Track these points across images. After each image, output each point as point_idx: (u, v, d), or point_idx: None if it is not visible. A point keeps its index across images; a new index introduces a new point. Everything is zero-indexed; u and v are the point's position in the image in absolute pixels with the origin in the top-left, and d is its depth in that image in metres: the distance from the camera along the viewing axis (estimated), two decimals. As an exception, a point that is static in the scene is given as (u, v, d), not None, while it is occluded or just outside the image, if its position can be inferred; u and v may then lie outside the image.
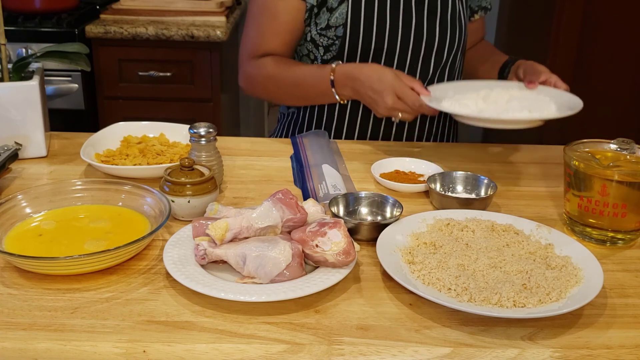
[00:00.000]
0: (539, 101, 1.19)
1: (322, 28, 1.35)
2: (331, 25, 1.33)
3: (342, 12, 1.32)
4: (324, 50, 1.37)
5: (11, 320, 0.74)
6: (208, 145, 1.04)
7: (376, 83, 1.22)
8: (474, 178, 1.10)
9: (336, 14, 1.32)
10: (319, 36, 1.36)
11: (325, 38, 1.35)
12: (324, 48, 1.37)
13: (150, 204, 0.95)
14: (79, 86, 2.26)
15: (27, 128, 1.17)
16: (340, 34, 1.33)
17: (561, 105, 1.18)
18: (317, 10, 1.34)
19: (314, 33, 1.37)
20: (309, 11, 1.34)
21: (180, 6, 2.38)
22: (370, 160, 1.22)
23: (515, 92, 1.24)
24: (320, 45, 1.37)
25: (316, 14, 1.34)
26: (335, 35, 1.34)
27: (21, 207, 0.94)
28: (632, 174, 0.95)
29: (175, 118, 1.86)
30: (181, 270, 0.81)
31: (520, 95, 1.22)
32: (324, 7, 1.32)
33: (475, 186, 1.09)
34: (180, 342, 0.72)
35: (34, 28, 2.21)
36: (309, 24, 1.37)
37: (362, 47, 1.33)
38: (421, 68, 1.39)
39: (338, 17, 1.32)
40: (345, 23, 1.32)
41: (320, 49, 1.38)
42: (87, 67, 1.23)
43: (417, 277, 0.83)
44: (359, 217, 1.00)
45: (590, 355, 0.72)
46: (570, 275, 0.83)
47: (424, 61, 1.38)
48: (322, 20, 1.34)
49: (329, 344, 0.72)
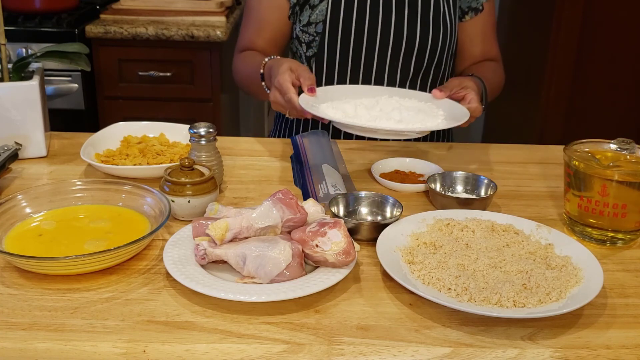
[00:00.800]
0: (428, 113, 1.13)
1: (304, 25, 1.37)
2: (312, 22, 1.36)
3: (323, 9, 1.34)
4: (306, 46, 1.40)
5: (11, 320, 0.74)
6: (208, 145, 1.04)
7: (274, 76, 1.16)
8: (474, 178, 1.10)
9: (317, 10, 1.35)
10: (302, 33, 1.39)
11: (306, 34, 1.38)
12: (306, 44, 1.39)
13: (150, 204, 0.95)
14: (79, 86, 2.26)
15: (27, 128, 1.17)
16: (320, 30, 1.35)
17: (448, 117, 1.12)
18: (299, 8, 1.36)
19: (298, 30, 1.40)
20: (292, 8, 1.38)
21: (180, 6, 2.38)
22: (370, 160, 1.22)
23: (408, 102, 1.17)
24: (302, 42, 1.40)
25: (299, 11, 1.36)
26: (315, 31, 1.36)
27: (21, 207, 0.94)
28: (632, 174, 0.95)
29: (175, 118, 1.86)
30: (181, 270, 0.81)
31: (411, 105, 1.15)
32: (307, 5, 1.35)
33: (475, 186, 1.09)
34: (180, 342, 0.72)
35: (34, 28, 2.21)
36: (295, 22, 1.40)
37: (341, 44, 1.35)
38: (402, 67, 1.39)
39: (318, 14, 1.35)
40: (324, 19, 1.34)
41: (303, 46, 1.40)
42: (87, 67, 1.23)
43: (417, 277, 0.83)
44: (359, 217, 1.00)
45: (590, 355, 0.72)
46: (570, 275, 0.83)
47: (404, 61, 1.38)
48: (304, 16, 1.37)
49: (329, 344, 0.72)
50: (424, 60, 1.39)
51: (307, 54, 1.41)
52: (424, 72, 1.41)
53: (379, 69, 1.38)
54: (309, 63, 1.42)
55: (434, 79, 1.44)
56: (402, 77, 1.40)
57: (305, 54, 1.41)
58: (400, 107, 1.13)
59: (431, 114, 1.13)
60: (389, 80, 1.40)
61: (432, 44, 1.38)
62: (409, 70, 1.40)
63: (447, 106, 1.18)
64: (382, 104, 1.14)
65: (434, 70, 1.42)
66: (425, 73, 1.42)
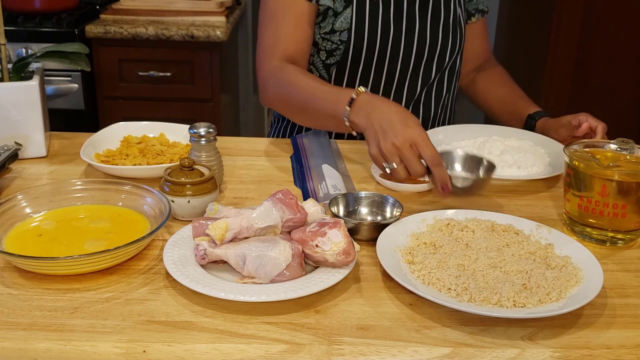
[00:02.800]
0: (528, 157, 1.21)
1: (327, 32, 1.34)
2: (336, 30, 1.33)
3: (347, 17, 1.31)
4: (327, 54, 1.37)
5: (11, 320, 0.74)
6: (208, 145, 1.04)
7: (399, 119, 1.01)
8: (472, 159, 1.05)
9: (341, 18, 1.32)
10: (322, 40, 1.35)
11: (329, 42, 1.35)
12: (326, 52, 1.36)
13: (150, 204, 0.95)
14: (79, 86, 2.26)
15: (27, 128, 1.17)
16: (345, 39, 1.33)
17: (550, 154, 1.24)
18: (323, 15, 1.33)
19: (317, 37, 1.36)
20: (322, 15, 1.33)
21: (180, 6, 2.38)
22: (370, 160, 1.22)
23: (513, 142, 1.28)
24: (322, 49, 1.37)
25: (322, 19, 1.34)
26: (339, 39, 1.33)
27: (21, 207, 0.94)
28: (632, 174, 0.95)
29: (175, 118, 1.86)
30: (181, 270, 0.81)
31: (517, 145, 1.26)
32: (330, 11, 1.32)
33: (474, 167, 1.04)
34: (180, 342, 0.72)
35: (34, 28, 2.21)
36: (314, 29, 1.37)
37: (366, 52, 1.33)
38: (423, 72, 1.39)
39: (343, 22, 1.32)
40: (349, 27, 1.32)
41: (322, 54, 1.37)
42: (87, 67, 1.23)
43: (417, 277, 0.83)
44: (359, 217, 1.00)
45: (590, 355, 0.72)
46: (570, 275, 0.83)
47: (426, 65, 1.38)
48: (326, 24, 1.34)
49: (329, 344, 0.72)
50: (443, 64, 1.40)
51: (327, 62, 1.37)
52: (441, 76, 1.42)
53: (401, 75, 1.38)
54: (328, 71, 1.39)
55: (449, 82, 1.45)
56: (422, 82, 1.40)
57: (324, 62, 1.38)
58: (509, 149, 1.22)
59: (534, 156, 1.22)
60: (409, 87, 1.39)
61: (451, 47, 1.39)
62: (430, 76, 1.40)
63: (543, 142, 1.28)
64: (490, 146, 1.24)
65: (449, 72, 1.43)
66: (441, 76, 1.42)
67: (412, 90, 1.40)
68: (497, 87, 1.52)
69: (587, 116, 1.25)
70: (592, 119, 1.24)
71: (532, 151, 1.24)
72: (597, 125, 1.23)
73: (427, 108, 1.44)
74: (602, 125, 1.23)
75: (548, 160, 1.22)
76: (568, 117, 1.29)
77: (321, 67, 1.40)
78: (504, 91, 1.51)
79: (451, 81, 1.46)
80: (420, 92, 1.41)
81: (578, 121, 1.25)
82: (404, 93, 1.40)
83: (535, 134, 1.32)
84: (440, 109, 1.47)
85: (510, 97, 1.49)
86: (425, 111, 1.44)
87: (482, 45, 1.56)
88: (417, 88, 1.40)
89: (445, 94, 1.45)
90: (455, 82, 1.48)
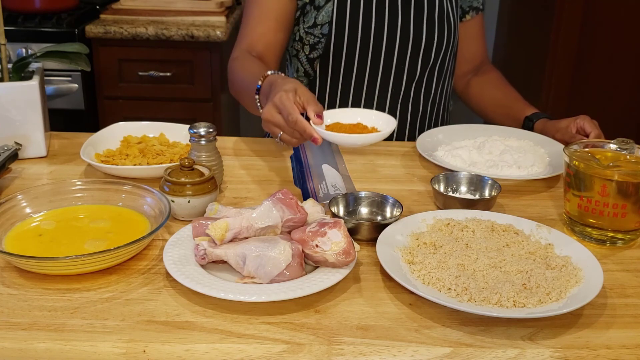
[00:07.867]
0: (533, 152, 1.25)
1: (309, 26, 1.36)
2: (317, 23, 1.35)
3: (329, 10, 1.33)
4: (310, 48, 1.38)
5: (11, 320, 0.74)
6: (208, 145, 1.04)
7: (274, 92, 1.02)
8: (477, 179, 1.09)
9: (323, 12, 1.33)
10: (306, 34, 1.37)
11: (311, 36, 1.36)
12: (309, 46, 1.38)
13: (150, 204, 0.95)
14: (79, 86, 2.26)
15: (27, 128, 1.17)
16: (326, 32, 1.34)
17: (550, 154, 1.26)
18: (301, 9, 1.35)
19: (302, 32, 1.38)
20: (300, 9, 1.36)
21: (180, 6, 2.38)
22: (370, 160, 1.22)
23: (513, 142, 1.30)
24: (306, 43, 1.38)
25: (305, 12, 1.35)
26: (321, 33, 1.35)
27: (21, 207, 0.94)
28: (632, 174, 0.95)
29: (175, 118, 1.86)
30: (181, 270, 0.81)
31: (517, 145, 1.28)
32: (312, 5, 1.33)
33: (479, 187, 1.09)
34: (180, 342, 0.72)
35: (34, 28, 2.21)
36: (298, 23, 1.39)
37: (348, 45, 1.34)
38: (408, 68, 1.39)
39: (324, 15, 1.33)
40: (330, 21, 1.33)
41: (306, 48, 1.39)
42: (87, 67, 1.23)
43: (417, 277, 0.83)
44: (359, 217, 1.00)
45: (590, 355, 0.72)
46: (570, 275, 0.83)
47: (411, 60, 1.38)
48: (309, 18, 1.35)
49: (329, 344, 0.72)
50: (430, 60, 1.40)
51: (311, 56, 1.39)
52: (429, 72, 1.41)
53: (385, 70, 1.38)
54: (312, 65, 1.40)
55: (438, 79, 1.44)
56: (408, 78, 1.40)
57: (307, 56, 1.40)
58: (509, 149, 1.24)
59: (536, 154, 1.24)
60: (394, 83, 1.40)
61: (437, 42, 1.38)
62: (415, 72, 1.40)
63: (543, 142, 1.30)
64: (490, 146, 1.25)
65: (438, 70, 1.43)
66: (430, 73, 1.42)
67: (397, 86, 1.40)
68: (494, 90, 1.52)
69: (585, 119, 1.26)
70: (589, 124, 1.25)
71: (532, 151, 1.24)
72: (590, 131, 1.24)
73: (416, 105, 1.44)
74: (596, 133, 1.24)
75: (548, 160, 1.22)
76: (566, 121, 1.29)
77: (305, 62, 1.41)
78: (500, 94, 1.50)
79: (441, 79, 1.45)
80: (408, 88, 1.41)
81: (576, 128, 1.26)
82: (389, 89, 1.40)
83: (535, 134, 1.33)
84: (431, 107, 1.46)
85: (507, 100, 1.49)
86: (414, 108, 1.44)
87: (479, 46, 1.55)
88: (402, 84, 1.40)
89: (434, 91, 1.45)
90: (447, 80, 1.48)
